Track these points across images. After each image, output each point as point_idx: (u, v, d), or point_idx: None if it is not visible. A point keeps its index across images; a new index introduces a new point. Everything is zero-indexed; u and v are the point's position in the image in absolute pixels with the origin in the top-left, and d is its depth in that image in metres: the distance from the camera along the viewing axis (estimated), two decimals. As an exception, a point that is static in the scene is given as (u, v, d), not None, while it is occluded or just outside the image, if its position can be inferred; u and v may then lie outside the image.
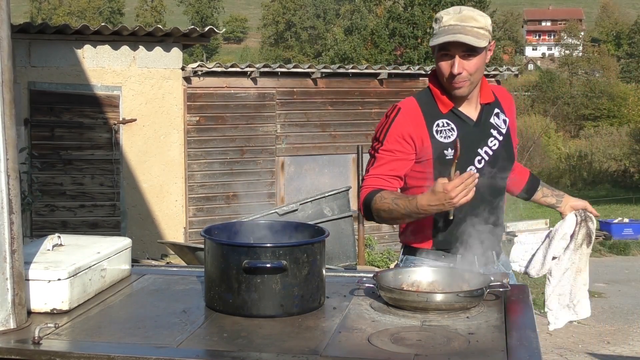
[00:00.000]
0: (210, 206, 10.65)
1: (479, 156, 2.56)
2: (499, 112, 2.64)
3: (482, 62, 2.52)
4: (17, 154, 1.89)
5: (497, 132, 2.61)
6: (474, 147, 2.56)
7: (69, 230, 9.41)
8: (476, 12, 2.50)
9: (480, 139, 2.58)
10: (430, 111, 2.58)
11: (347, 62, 31.01)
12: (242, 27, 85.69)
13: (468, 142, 2.52)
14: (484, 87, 2.63)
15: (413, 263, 2.64)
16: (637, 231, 16.82)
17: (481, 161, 2.57)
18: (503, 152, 2.60)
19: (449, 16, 2.48)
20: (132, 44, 9.85)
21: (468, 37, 2.43)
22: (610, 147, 36.91)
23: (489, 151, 2.58)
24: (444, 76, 2.52)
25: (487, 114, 2.62)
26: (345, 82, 11.41)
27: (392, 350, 1.73)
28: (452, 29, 2.45)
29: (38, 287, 1.98)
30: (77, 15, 66.76)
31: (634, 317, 8.80)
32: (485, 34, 2.47)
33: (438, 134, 2.55)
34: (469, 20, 2.46)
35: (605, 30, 79.93)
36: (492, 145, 2.59)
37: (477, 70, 2.50)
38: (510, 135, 2.65)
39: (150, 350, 1.73)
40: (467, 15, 2.47)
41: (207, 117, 10.56)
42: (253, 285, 1.97)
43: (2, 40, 1.85)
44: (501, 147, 2.60)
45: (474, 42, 2.43)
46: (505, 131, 2.62)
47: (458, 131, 2.55)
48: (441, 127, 2.56)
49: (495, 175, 2.58)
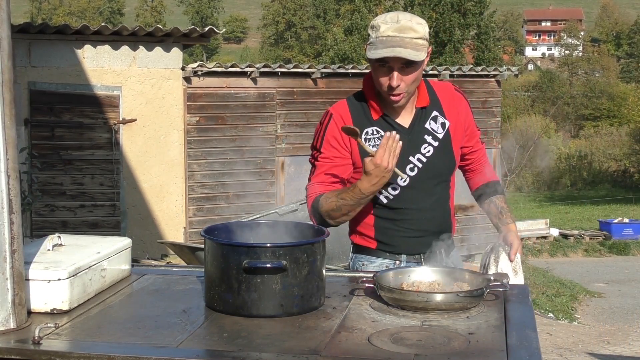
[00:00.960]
0: (210, 206, 10.65)
1: (410, 164, 2.52)
2: (437, 116, 2.56)
3: (420, 72, 2.47)
4: (17, 154, 1.89)
5: (432, 138, 2.54)
6: (406, 155, 2.49)
7: (69, 230, 9.41)
8: (414, 20, 2.42)
9: (412, 146, 2.52)
10: (359, 118, 2.54)
11: (347, 62, 31.01)
12: (242, 27, 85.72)
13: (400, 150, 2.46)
14: (421, 90, 2.56)
15: (361, 261, 2.69)
16: (637, 231, 16.84)
17: (414, 169, 2.53)
18: (439, 158, 2.55)
19: (386, 26, 2.40)
20: (132, 44, 9.85)
21: (407, 50, 2.36)
22: (610, 147, 36.95)
23: (422, 158, 2.53)
24: (382, 87, 2.46)
25: (421, 118, 2.55)
26: (345, 82, 11.41)
27: (392, 350, 1.73)
28: (390, 41, 2.38)
29: (38, 287, 1.98)
30: (77, 15, 66.79)
31: (634, 317, 8.80)
32: (424, 44, 2.41)
33: (366, 142, 2.50)
34: (407, 32, 2.38)
35: (605, 30, 79.96)
36: (425, 152, 2.53)
37: (415, 80, 2.46)
38: (449, 139, 2.57)
39: (150, 350, 1.73)
40: (406, 26, 2.39)
41: (207, 117, 10.57)
42: (253, 285, 1.97)
43: (2, 40, 1.85)
44: (436, 153, 2.54)
45: (413, 57, 2.37)
46: (442, 136, 2.55)
47: None
48: (370, 135, 2.53)
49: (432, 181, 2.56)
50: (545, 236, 16.15)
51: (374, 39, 2.42)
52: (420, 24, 2.43)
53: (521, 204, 26.48)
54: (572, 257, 15.50)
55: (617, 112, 45.40)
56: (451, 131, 2.57)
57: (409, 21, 2.41)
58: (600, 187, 33.45)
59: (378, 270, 2.38)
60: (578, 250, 15.94)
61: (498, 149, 12.68)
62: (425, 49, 2.42)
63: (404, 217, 2.58)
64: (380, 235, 2.63)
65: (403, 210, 2.58)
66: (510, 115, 39.82)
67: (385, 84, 2.44)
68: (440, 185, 2.60)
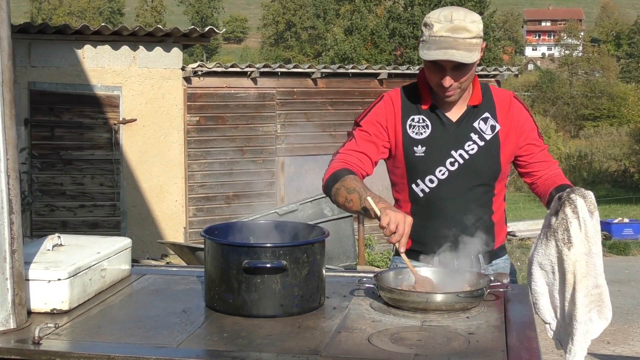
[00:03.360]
0: (210, 206, 10.65)
1: (451, 158, 2.48)
2: (489, 117, 2.51)
3: (474, 69, 2.43)
4: (17, 154, 1.89)
5: (479, 137, 2.49)
6: (448, 149, 2.48)
7: (69, 230, 9.41)
8: (468, 18, 2.36)
9: (456, 141, 2.49)
10: (409, 105, 2.54)
11: (347, 62, 31.00)
12: (242, 27, 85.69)
13: (442, 142, 2.48)
14: (475, 88, 2.53)
15: (395, 263, 2.66)
16: (637, 231, 16.84)
17: (454, 164, 2.48)
18: (482, 159, 2.48)
19: (440, 25, 2.35)
20: (132, 44, 9.85)
21: (460, 52, 2.32)
22: (610, 147, 36.95)
23: (465, 155, 2.48)
24: (434, 85, 2.45)
25: (471, 116, 2.51)
26: (345, 82, 11.41)
27: (392, 350, 1.73)
28: (443, 42, 2.33)
29: (38, 287, 1.98)
30: (77, 16, 66.77)
31: (634, 317, 8.80)
32: (477, 43, 2.36)
33: (410, 129, 2.50)
34: (461, 32, 2.33)
35: (605, 30, 79.96)
36: (468, 149, 2.48)
37: (469, 78, 2.43)
38: (497, 143, 2.50)
39: (150, 350, 1.73)
40: (459, 26, 2.33)
41: (207, 117, 10.57)
42: (253, 285, 1.97)
43: (2, 40, 1.85)
44: (480, 154, 2.48)
45: (466, 59, 2.33)
46: (490, 137, 2.49)
47: (432, 129, 2.49)
48: (415, 122, 2.51)
49: (472, 181, 2.49)
50: (546, 236, 16.13)
51: (426, 38, 2.38)
52: (474, 21, 2.36)
53: (521, 204, 26.48)
54: (572, 257, 15.46)
55: (617, 112, 45.40)
56: (501, 136, 2.50)
57: (462, 20, 2.34)
58: (600, 187, 33.44)
59: None
60: (578, 250, 15.90)
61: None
62: (479, 47, 2.37)
63: (438, 214, 2.51)
64: (414, 234, 2.45)
65: (437, 206, 2.51)
66: (510, 115, 39.68)
67: (437, 82, 2.42)
68: (480, 187, 2.51)
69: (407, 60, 35.34)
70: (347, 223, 7.67)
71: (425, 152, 2.49)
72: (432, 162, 2.48)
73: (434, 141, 2.48)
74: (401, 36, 38.08)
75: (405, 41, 38.05)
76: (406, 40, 37.86)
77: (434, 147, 2.48)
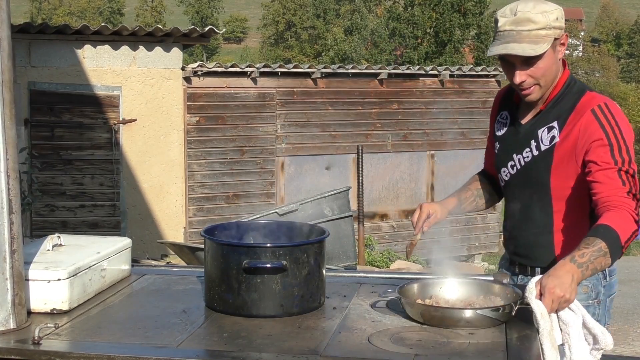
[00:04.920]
0: (210, 206, 10.65)
1: (512, 161, 2.40)
2: (554, 127, 2.30)
3: (551, 62, 2.26)
4: (17, 154, 1.90)
5: (535, 146, 2.33)
6: (511, 151, 2.40)
7: (69, 230, 9.41)
8: (537, 9, 2.22)
9: (518, 145, 2.38)
10: (506, 100, 2.50)
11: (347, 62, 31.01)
12: (242, 27, 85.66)
13: (509, 142, 2.42)
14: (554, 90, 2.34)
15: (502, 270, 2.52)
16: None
17: (514, 167, 2.40)
18: (534, 169, 2.33)
19: (504, 19, 2.25)
20: (132, 44, 9.85)
21: (522, 45, 2.20)
22: (610, 147, 36.93)
23: (522, 161, 2.37)
24: (511, 83, 2.35)
25: (539, 121, 2.34)
26: (345, 82, 11.41)
27: (392, 350, 1.73)
28: (506, 37, 2.23)
29: (38, 287, 1.98)
30: (77, 15, 66.74)
31: (634, 317, 8.80)
32: (546, 34, 2.21)
33: (497, 124, 2.51)
34: (524, 24, 2.21)
35: (605, 30, 79.95)
36: (525, 155, 2.35)
37: (545, 73, 2.26)
38: (550, 157, 2.29)
39: (150, 350, 1.73)
40: (522, 18, 2.21)
41: (207, 117, 10.56)
42: (253, 285, 1.97)
43: (2, 40, 1.85)
44: (533, 163, 2.33)
45: (528, 52, 2.21)
46: (545, 149, 2.30)
47: (507, 128, 2.44)
48: (501, 118, 2.49)
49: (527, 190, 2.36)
50: (545, 236, 16.13)
51: (495, 34, 2.29)
52: (544, 12, 2.22)
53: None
54: (572, 257, 15.47)
55: (617, 112, 45.39)
56: (557, 150, 2.29)
57: (528, 12, 2.22)
58: (600, 187, 33.44)
59: None
60: (578, 250, 15.91)
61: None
62: (549, 38, 2.22)
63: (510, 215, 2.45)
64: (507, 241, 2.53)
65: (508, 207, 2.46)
66: (510, 115, 39.74)
67: (510, 80, 2.33)
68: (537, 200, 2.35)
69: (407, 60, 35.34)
70: (347, 223, 7.67)
71: (499, 149, 2.47)
72: (501, 161, 2.46)
73: (505, 141, 2.44)
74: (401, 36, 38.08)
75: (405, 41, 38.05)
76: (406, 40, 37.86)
77: (504, 147, 2.44)
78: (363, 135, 11.36)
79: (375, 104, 11.51)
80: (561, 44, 2.28)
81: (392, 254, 10.96)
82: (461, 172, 10.95)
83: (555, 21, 2.23)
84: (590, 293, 2.33)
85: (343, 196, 7.74)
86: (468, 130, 11.84)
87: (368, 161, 10.87)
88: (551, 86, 2.32)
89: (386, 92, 11.56)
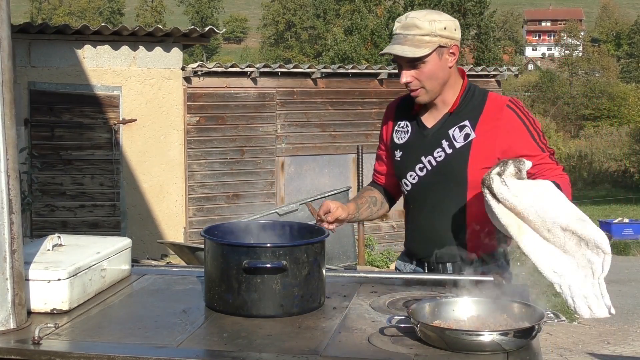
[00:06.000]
0: (210, 206, 10.65)
1: (420, 164, 2.52)
2: (466, 126, 2.47)
3: (436, 68, 2.42)
4: (17, 154, 1.90)
5: (448, 144, 2.47)
6: (418, 154, 2.52)
7: (69, 230, 9.40)
8: (426, 17, 2.40)
9: (426, 147, 2.51)
10: (402, 111, 2.63)
11: (347, 62, 31.00)
12: (242, 27, 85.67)
13: (414, 148, 2.54)
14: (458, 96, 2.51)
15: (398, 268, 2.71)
16: (637, 231, 16.82)
17: (423, 169, 2.52)
18: (449, 167, 2.47)
19: (398, 24, 2.45)
20: (132, 44, 9.85)
21: (403, 47, 2.38)
22: (610, 147, 36.91)
23: (433, 161, 2.49)
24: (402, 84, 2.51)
25: (447, 123, 2.50)
26: (345, 82, 11.41)
27: (392, 350, 1.73)
28: (395, 39, 2.43)
29: (38, 287, 1.98)
30: (77, 15, 66.75)
31: (634, 317, 8.80)
32: (430, 40, 2.38)
33: (395, 134, 2.61)
34: (410, 29, 2.39)
35: (605, 30, 79.94)
36: (437, 155, 2.49)
37: (430, 77, 2.42)
38: (467, 153, 2.45)
39: (150, 350, 1.73)
40: (410, 23, 2.40)
41: (207, 117, 10.57)
42: (253, 285, 1.97)
43: (2, 40, 1.85)
44: (447, 161, 2.47)
45: (408, 53, 2.38)
46: (460, 146, 2.45)
47: (410, 135, 2.56)
48: (400, 127, 2.61)
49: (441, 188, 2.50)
50: (545, 236, 16.12)
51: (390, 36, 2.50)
52: (432, 20, 2.39)
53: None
54: (572, 257, 15.46)
55: (617, 112, 45.36)
56: (474, 145, 2.45)
57: (416, 18, 2.40)
58: (600, 187, 33.43)
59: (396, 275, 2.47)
60: (578, 250, 15.89)
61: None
62: (432, 45, 2.38)
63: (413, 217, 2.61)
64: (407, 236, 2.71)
65: (412, 210, 2.62)
66: (510, 115, 39.66)
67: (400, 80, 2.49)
68: (451, 195, 2.49)
69: (407, 60, 35.28)
70: (346, 223, 7.67)
71: (401, 156, 2.58)
72: (404, 167, 2.57)
73: (409, 146, 2.55)
74: (401, 36, 38.03)
75: (405, 41, 38.01)
76: (406, 40, 37.82)
77: (408, 152, 2.55)
78: (363, 135, 11.35)
79: (375, 104, 11.51)
80: (450, 52, 2.43)
81: (392, 254, 10.96)
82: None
83: (443, 30, 2.39)
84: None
85: (343, 196, 7.74)
86: (468, 130, 11.83)
87: (368, 161, 10.83)
88: (441, 92, 2.48)
89: (386, 92, 11.56)
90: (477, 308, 1.93)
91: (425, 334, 1.75)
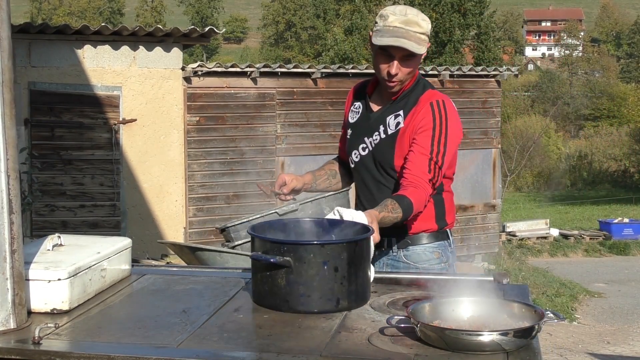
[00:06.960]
0: (210, 206, 10.65)
1: (363, 144, 2.75)
2: (400, 115, 2.68)
3: (417, 65, 2.66)
4: (17, 154, 1.90)
5: (383, 130, 2.69)
6: (362, 135, 2.75)
7: (69, 230, 9.40)
8: (420, 16, 2.59)
9: (369, 129, 2.73)
10: (360, 93, 2.84)
11: (347, 62, 30.99)
12: (242, 27, 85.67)
13: (360, 129, 2.76)
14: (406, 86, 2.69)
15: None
16: (637, 231, 16.82)
17: (365, 149, 2.75)
18: (381, 151, 2.69)
19: (394, 17, 2.56)
20: (132, 44, 9.85)
21: (411, 42, 2.53)
22: (610, 147, 36.94)
23: (372, 144, 2.72)
24: (380, 73, 2.63)
25: (388, 109, 2.71)
26: (345, 82, 11.41)
27: (392, 350, 1.73)
28: (396, 32, 2.54)
29: (38, 287, 1.98)
30: (77, 16, 66.72)
31: (634, 317, 8.81)
32: (425, 40, 2.58)
33: (350, 114, 2.84)
34: (413, 25, 2.55)
35: (605, 30, 79.97)
36: (375, 139, 2.71)
37: (411, 72, 2.64)
38: (394, 140, 2.65)
39: (150, 350, 1.73)
40: (412, 20, 2.56)
41: (207, 117, 10.56)
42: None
43: (2, 40, 1.85)
44: (380, 146, 2.70)
45: (415, 49, 2.54)
46: (391, 133, 2.68)
47: (360, 116, 2.78)
48: (355, 108, 2.84)
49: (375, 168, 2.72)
50: (546, 236, 16.14)
51: (380, 27, 2.58)
52: (425, 20, 2.60)
53: (521, 204, 26.46)
54: (572, 257, 15.50)
55: (617, 112, 45.40)
56: (400, 133, 2.66)
57: (415, 16, 2.58)
58: (600, 187, 33.45)
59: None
60: (578, 250, 15.93)
61: (498, 149, 12.68)
62: (426, 44, 2.60)
63: (358, 193, 2.84)
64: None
65: (356, 187, 2.86)
66: (510, 115, 39.78)
67: (385, 71, 2.61)
68: (387, 177, 2.71)
69: (407, 60, 35.27)
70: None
71: (351, 135, 2.82)
72: (351, 145, 2.80)
73: (357, 126, 2.79)
74: (401, 36, 38.02)
75: (405, 41, 38.00)
76: (406, 40, 37.81)
77: (355, 132, 2.79)
78: (363, 135, 11.36)
79: (375, 104, 11.51)
80: (426, 51, 2.64)
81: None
82: (461, 172, 10.95)
83: (429, 31, 2.63)
84: (442, 257, 2.76)
85: (343, 196, 7.71)
86: (468, 131, 11.82)
87: (368, 161, 10.86)
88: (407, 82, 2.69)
89: (386, 92, 11.56)
90: (477, 308, 1.92)
91: (425, 334, 1.75)
